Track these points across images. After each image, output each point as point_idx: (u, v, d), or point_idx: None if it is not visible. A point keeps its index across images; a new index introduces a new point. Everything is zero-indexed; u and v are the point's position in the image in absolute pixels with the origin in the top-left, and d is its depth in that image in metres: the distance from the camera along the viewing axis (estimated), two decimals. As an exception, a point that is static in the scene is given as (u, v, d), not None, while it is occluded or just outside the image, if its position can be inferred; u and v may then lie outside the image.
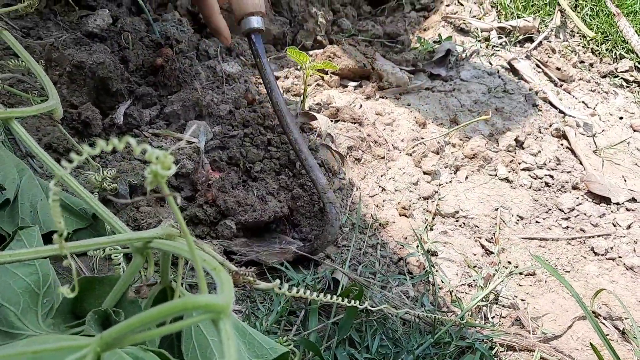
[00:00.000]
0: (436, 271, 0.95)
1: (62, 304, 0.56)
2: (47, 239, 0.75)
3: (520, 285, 0.99)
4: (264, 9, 0.92)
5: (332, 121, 1.16)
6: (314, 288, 0.83)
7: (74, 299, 0.53)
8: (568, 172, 1.25)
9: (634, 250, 1.10)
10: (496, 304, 0.94)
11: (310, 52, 1.37)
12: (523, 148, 1.27)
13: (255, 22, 0.91)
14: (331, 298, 0.66)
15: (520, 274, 1.01)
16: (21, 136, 0.68)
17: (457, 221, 1.09)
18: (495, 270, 0.97)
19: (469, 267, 0.99)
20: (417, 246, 1.00)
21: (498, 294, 0.95)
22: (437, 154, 1.19)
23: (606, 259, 1.08)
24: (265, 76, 0.92)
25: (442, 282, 0.95)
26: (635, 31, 1.69)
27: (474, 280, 0.96)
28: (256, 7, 0.91)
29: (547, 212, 1.16)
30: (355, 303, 0.69)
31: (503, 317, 0.92)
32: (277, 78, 1.29)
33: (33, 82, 1.05)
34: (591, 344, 0.81)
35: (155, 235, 0.50)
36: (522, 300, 0.96)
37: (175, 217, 0.45)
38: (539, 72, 1.55)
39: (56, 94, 0.85)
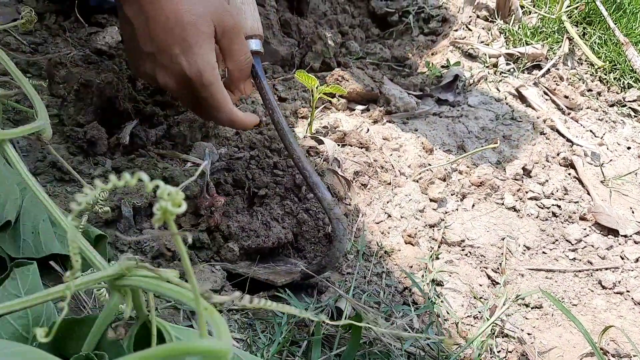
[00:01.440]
0: (441, 302, 0.94)
1: (48, 345, 0.53)
2: (48, 262, 0.74)
3: (526, 319, 0.97)
4: (261, 32, 0.91)
5: (339, 145, 1.15)
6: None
7: (57, 341, 0.50)
8: (575, 203, 1.23)
9: (643, 285, 1.08)
10: (502, 337, 0.92)
11: (319, 74, 1.37)
12: (530, 177, 1.26)
13: (254, 44, 0.91)
14: (337, 326, 0.64)
15: (527, 305, 1.00)
16: (13, 161, 0.64)
17: (463, 250, 1.08)
18: (503, 303, 0.96)
19: (474, 298, 0.98)
20: (423, 275, 0.98)
21: (504, 327, 0.93)
22: (444, 180, 1.18)
23: (614, 292, 1.07)
24: (266, 97, 0.91)
25: (448, 313, 0.93)
26: (644, 61, 1.68)
27: (479, 312, 0.94)
28: (254, 30, 0.91)
29: (554, 243, 1.14)
30: (362, 324, 0.67)
31: (509, 352, 0.90)
32: (285, 100, 1.29)
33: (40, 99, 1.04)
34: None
35: (110, 274, 0.46)
36: (529, 334, 0.94)
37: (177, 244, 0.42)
38: (546, 99, 1.54)
39: (46, 113, 0.82)
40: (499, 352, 0.89)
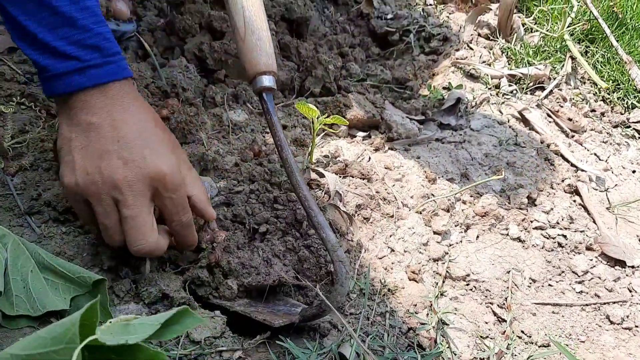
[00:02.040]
0: (447, 345, 0.91)
1: None
2: (44, 320, 0.72)
3: None
4: (275, 68, 0.90)
5: (340, 176, 1.13)
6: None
7: None
8: (581, 232, 1.21)
9: (651, 319, 1.06)
10: (509, 380, 0.90)
11: (319, 100, 1.34)
12: (535, 205, 1.24)
13: (267, 81, 0.89)
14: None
15: (534, 343, 0.97)
16: None
17: (467, 285, 1.05)
18: (508, 344, 0.93)
19: (480, 338, 0.95)
20: (427, 314, 0.96)
21: (512, 371, 0.91)
22: (448, 211, 1.15)
23: (622, 328, 1.04)
24: (276, 135, 0.89)
25: (455, 354, 0.91)
26: (647, 80, 1.66)
27: (486, 355, 0.92)
28: (268, 66, 0.89)
29: (560, 275, 1.12)
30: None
31: (517, 397, 0.88)
32: (285, 127, 1.27)
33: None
34: None
35: None
36: (537, 375, 0.92)
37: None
38: (550, 122, 1.52)
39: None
40: (506, 397, 0.87)
